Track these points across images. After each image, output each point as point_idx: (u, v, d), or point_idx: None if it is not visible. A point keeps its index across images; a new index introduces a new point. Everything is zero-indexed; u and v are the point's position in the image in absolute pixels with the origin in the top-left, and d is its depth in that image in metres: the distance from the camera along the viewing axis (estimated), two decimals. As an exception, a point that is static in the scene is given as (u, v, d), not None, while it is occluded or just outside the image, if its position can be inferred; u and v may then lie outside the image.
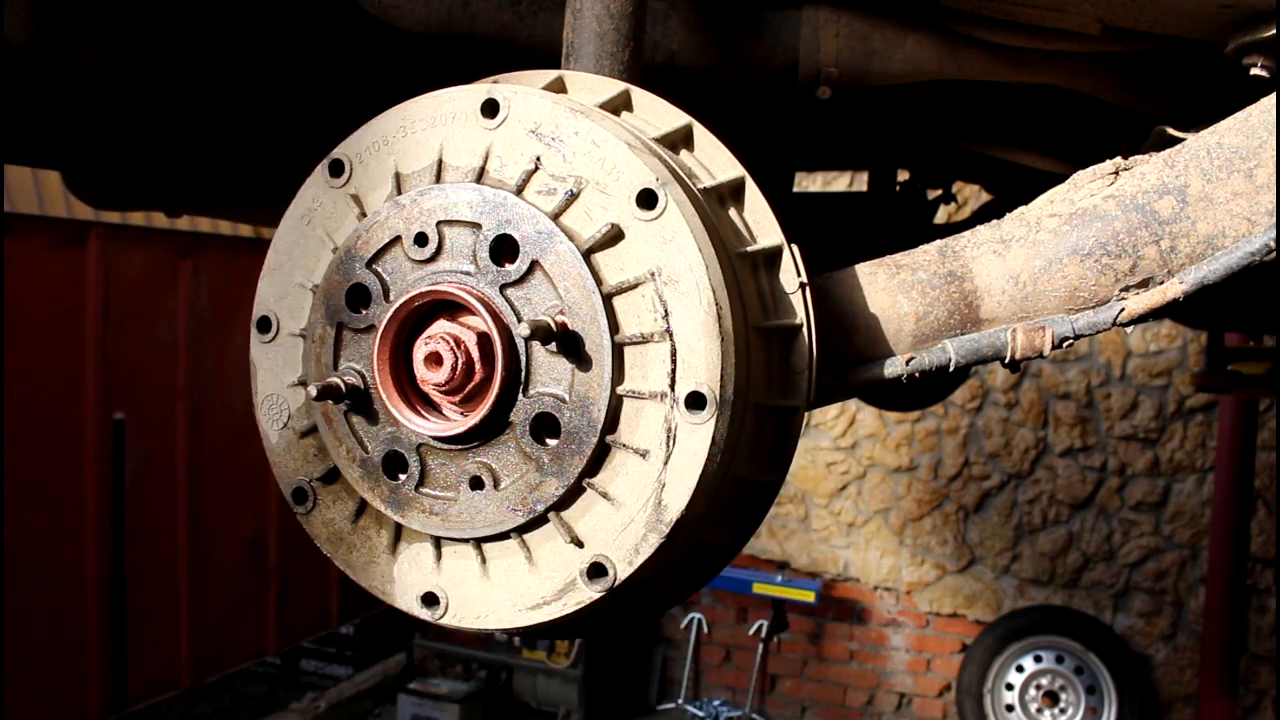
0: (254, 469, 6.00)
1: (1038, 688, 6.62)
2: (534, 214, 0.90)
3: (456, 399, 0.92)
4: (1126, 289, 1.02)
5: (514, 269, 0.91)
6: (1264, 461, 6.18)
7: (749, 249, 0.99)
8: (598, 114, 0.96)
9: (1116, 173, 1.06)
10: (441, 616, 0.96)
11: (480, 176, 0.94)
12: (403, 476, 0.96)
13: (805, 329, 0.99)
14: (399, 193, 0.98)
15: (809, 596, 7.03)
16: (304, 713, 6.93)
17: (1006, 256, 1.06)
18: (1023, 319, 1.05)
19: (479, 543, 0.94)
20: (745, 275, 0.97)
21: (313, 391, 0.94)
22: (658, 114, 1.05)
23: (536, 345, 0.90)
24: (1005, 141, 2.16)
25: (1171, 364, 6.55)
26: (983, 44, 1.55)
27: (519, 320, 0.90)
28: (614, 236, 0.89)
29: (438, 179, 0.96)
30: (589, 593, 0.90)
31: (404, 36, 1.47)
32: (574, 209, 0.91)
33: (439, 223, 0.94)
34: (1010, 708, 6.64)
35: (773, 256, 1.01)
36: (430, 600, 0.96)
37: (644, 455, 0.88)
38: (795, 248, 1.01)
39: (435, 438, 0.93)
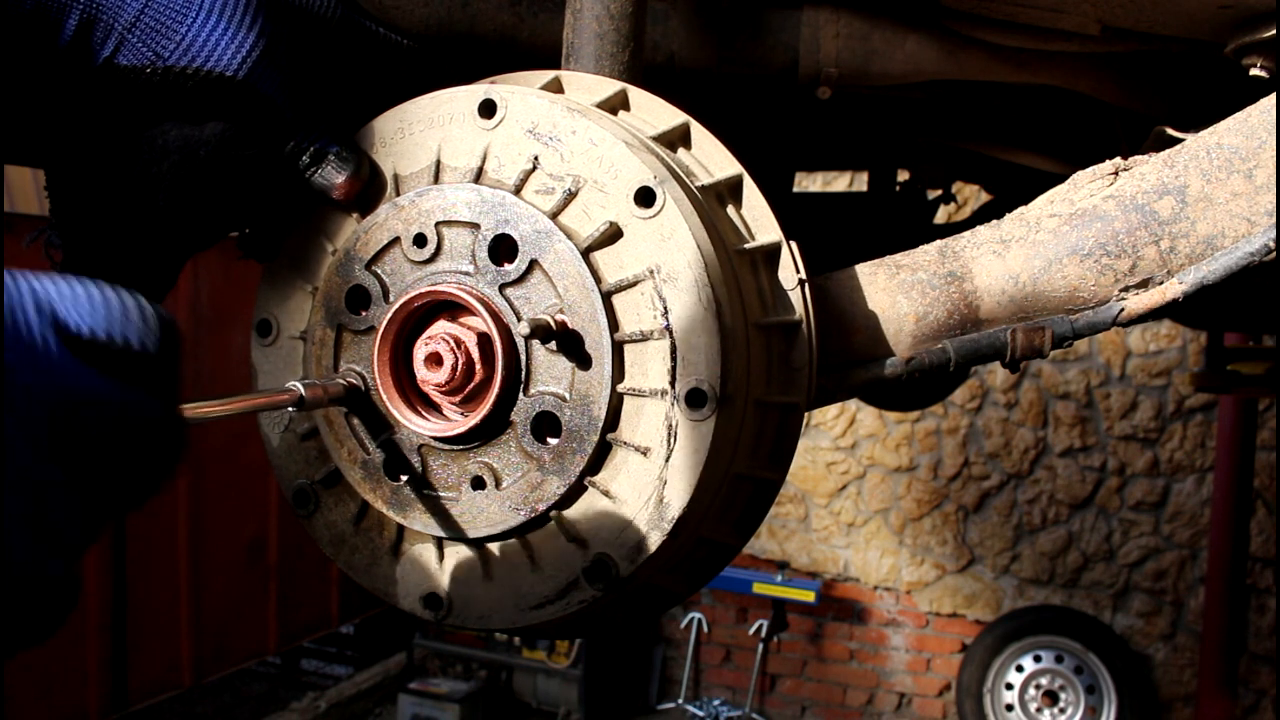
0: (254, 469, 5.99)
1: (1037, 687, 6.62)
2: (532, 213, 0.90)
3: (457, 399, 0.92)
4: (1126, 289, 1.02)
5: (513, 268, 0.91)
6: (1264, 461, 6.18)
7: (747, 246, 0.99)
8: (595, 113, 0.96)
9: (1116, 173, 1.06)
10: (444, 617, 0.96)
11: (478, 177, 0.94)
12: (404, 477, 0.96)
13: (805, 325, 0.99)
14: (397, 194, 0.98)
15: (809, 596, 7.03)
16: (304, 712, 6.93)
17: (1006, 257, 1.06)
18: (1022, 319, 1.05)
19: (481, 543, 0.94)
20: (744, 272, 0.97)
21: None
22: (655, 113, 1.05)
23: (536, 344, 0.90)
24: (1005, 141, 2.16)
25: (1171, 364, 6.55)
26: (982, 44, 1.55)
27: (519, 319, 0.90)
28: (613, 235, 0.89)
29: (436, 180, 0.96)
30: (591, 592, 0.90)
31: (403, 37, 1.46)
32: (572, 208, 0.91)
33: (438, 223, 0.94)
34: (1010, 707, 6.64)
35: (771, 253, 1.01)
36: (433, 601, 0.96)
37: (645, 453, 0.88)
38: (794, 245, 1.01)
39: (436, 438, 0.93)
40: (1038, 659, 6.63)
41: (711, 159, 1.04)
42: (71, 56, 0.85)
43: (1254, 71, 1.30)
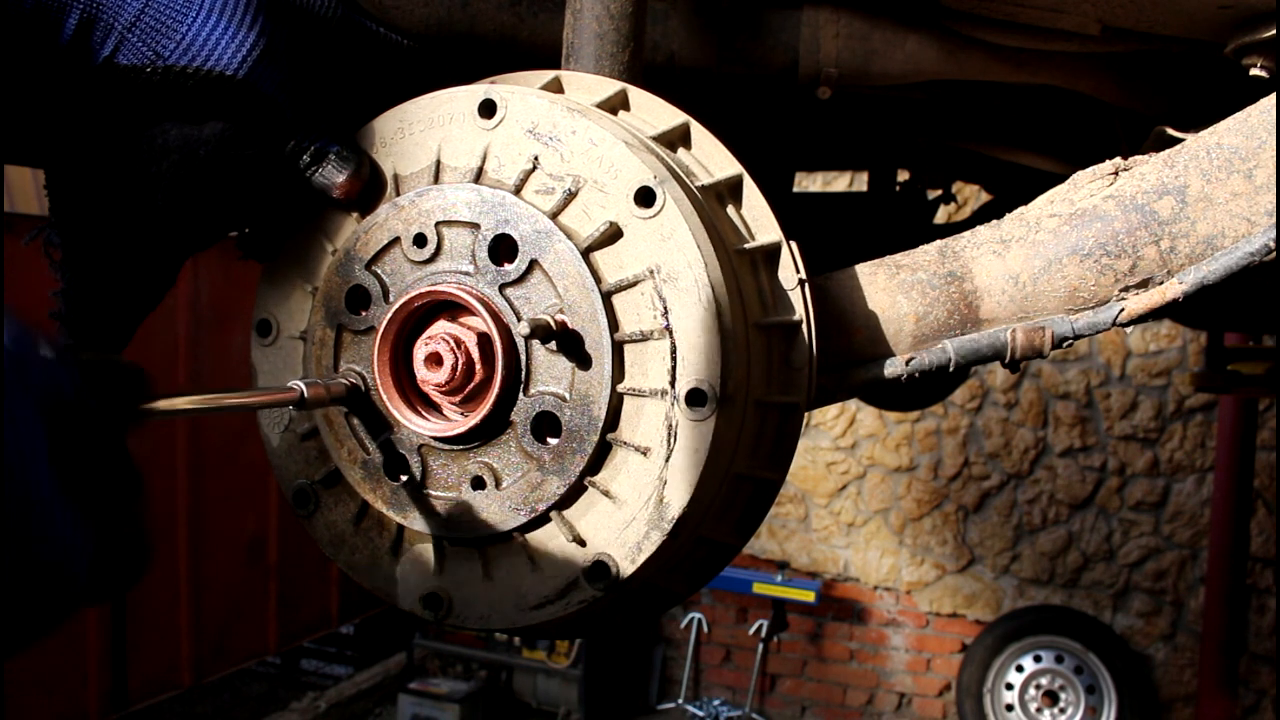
0: (254, 469, 5.99)
1: (1037, 687, 6.62)
2: (532, 213, 0.90)
3: (457, 399, 0.92)
4: (1126, 289, 1.02)
5: (513, 268, 0.91)
6: (1264, 461, 6.17)
7: (747, 246, 0.99)
8: (595, 113, 0.96)
9: (1116, 173, 1.06)
10: (444, 617, 0.96)
11: (478, 177, 0.94)
12: (404, 477, 0.96)
13: (805, 325, 0.99)
14: (397, 194, 0.98)
15: (809, 596, 7.03)
16: (304, 712, 6.93)
17: (1006, 257, 1.06)
18: (1022, 319, 1.05)
19: (481, 543, 0.94)
20: (744, 272, 0.97)
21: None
22: (655, 113, 1.05)
23: (536, 344, 0.90)
24: (1005, 141, 2.16)
25: (1171, 364, 6.55)
26: (982, 44, 1.55)
27: (519, 319, 0.90)
28: (612, 235, 0.89)
29: (436, 180, 0.96)
30: (591, 592, 0.90)
31: (403, 37, 1.47)
32: (572, 208, 0.91)
33: (438, 223, 0.94)
34: (1010, 707, 6.64)
35: (771, 253, 1.01)
36: (433, 601, 0.96)
37: (645, 453, 0.88)
38: (794, 245, 1.01)
39: (436, 438, 0.93)
40: (1038, 659, 6.63)
41: (711, 159, 1.04)
42: (71, 56, 0.85)
43: (1254, 71, 1.30)
